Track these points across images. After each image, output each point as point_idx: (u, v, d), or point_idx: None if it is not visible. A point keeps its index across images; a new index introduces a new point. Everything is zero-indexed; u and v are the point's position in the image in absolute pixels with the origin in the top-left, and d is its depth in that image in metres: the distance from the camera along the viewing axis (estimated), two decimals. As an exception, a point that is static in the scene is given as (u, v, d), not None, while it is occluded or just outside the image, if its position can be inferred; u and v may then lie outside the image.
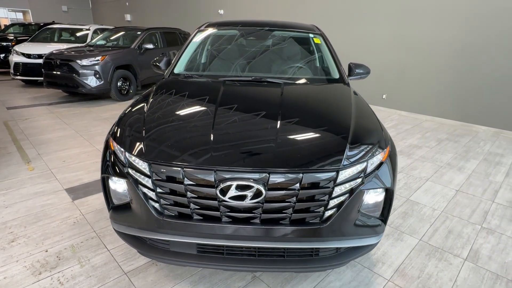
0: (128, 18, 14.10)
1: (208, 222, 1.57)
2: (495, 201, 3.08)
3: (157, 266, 2.09)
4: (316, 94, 2.32)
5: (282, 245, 1.58)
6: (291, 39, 3.04)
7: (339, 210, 1.57)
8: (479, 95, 5.37)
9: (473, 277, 2.09)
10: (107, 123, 5.26)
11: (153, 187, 1.57)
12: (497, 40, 5.03)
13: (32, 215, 2.63)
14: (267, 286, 1.95)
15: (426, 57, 5.85)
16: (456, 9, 5.33)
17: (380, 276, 2.06)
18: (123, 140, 1.73)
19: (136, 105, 2.10)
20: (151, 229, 1.63)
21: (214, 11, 9.86)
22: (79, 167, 3.57)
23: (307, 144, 1.65)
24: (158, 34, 8.01)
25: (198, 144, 1.61)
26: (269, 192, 1.49)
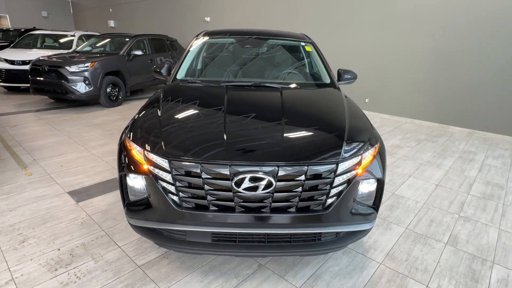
0: (112, 25, 14.03)
1: (223, 212, 1.74)
2: (470, 193, 3.41)
3: (168, 259, 2.23)
4: (312, 97, 2.55)
5: (289, 231, 1.77)
6: (285, 47, 3.27)
7: (339, 198, 1.78)
8: (454, 99, 5.81)
9: (453, 258, 2.35)
10: (99, 129, 5.31)
11: (172, 181, 1.73)
12: (469, 48, 5.49)
13: (38, 217, 2.69)
14: (273, 273, 2.13)
15: (405, 64, 6.26)
16: (432, 19, 5.77)
17: (373, 260, 2.29)
18: (141, 140, 1.88)
19: (147, 109, 2.25)
20: (170, 221, 1.78)
21: (201, 18, 10.04)
22: (78, 171, 3.63)
23: (310, 141, 1.86)
24: (146, 41, 8.10)
25: (213, 142, 1.78)
26: (278, 183, 1.68)
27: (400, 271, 2.19)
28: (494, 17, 5.16)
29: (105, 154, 4.16)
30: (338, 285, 2.04)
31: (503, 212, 3.03)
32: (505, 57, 5.19)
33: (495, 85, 5.36)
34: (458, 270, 2.23)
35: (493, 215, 2.97)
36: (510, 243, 2.55)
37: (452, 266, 2.26)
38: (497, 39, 5.20)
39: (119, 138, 2.18)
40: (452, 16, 5.54)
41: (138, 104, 7.30)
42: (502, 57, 5.21)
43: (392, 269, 2.21)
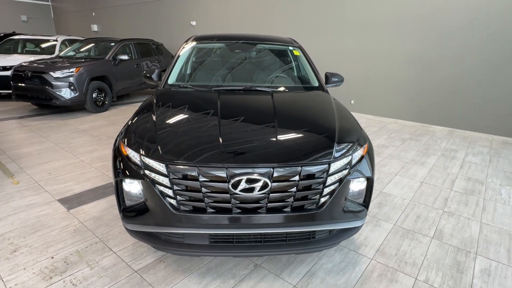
0: (95, 29, 13.81)
1: (220, 214, 1.78)
2: (453, 189, 3.56)
3: (164, 262, 2.25)
4: (302, 100, 2.63)
5: (285, 230, 1.83)
6: (273, 51, 3.35)
7: (331, 197, 1.86)
8: (435, 99, 6.05)
9: (439, 251, 2.47)
10: (86, 135, 5.23)
11: (170, 185, 1.76)
12: (448, 51, 5.74)
13: (28, 226, 2.65)
14: (269, 272, 2.18)
15: (388, 67, 6.47)
16: (412, 23, 6.00)
17: (364, 256, 2.38)
18: (137, 145, 1.90)
19: (141, 114, 2.27)
20: (168, 224, 1.81)
21: (186, 22, 10.04)
22: (67, 178, 3.59)
23: (302, 142, 1.93)
24: (132, 45, 8.04)
25: (209, 145, 1.83)
26: (274, 184, 1.74)
27: (390, 266, 2.28)
28: (472, 22, 5.41)
29: (94, 161, 4.12)
30: (332, 282, 2.11)
31: (484, 207, 3.19)
32: (481, 59, 5.45)
33: (473, 86, 5.62)
34: (444, 262, 2.34)
35: (474, 209, 3.13)
36: (491, 235, 2.69)
37: (438, 259, 2.37)
38: (474, 42, 5.46)
39: (113, 144, 2.19)
40: (431, 21, 5.78)
41: (125, 109, 7.23)
42: (478, 59, 5.47)
43: (382, 263, 2.30)
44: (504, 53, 5.24)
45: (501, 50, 5.25)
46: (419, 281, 2.14)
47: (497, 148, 5.12)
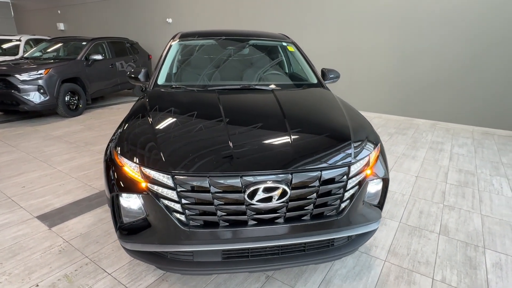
0: (62, 28, 13.00)
1: (234, 227, 1.61)
2: (447, 182, 3.59)
3: (167, 281, 2.04)
4: (307, 98, 2.49)
5: (304, 240, 1.69)
6: (267, 47, 3.19)
7: (351, 201, 1.74)
8: (417, 93, 6.15)
9: (449, 247, 2.43)
10: (61, 142, 4.83)
11: (177, 199, 1.57)
12: (428, 47, 5.84)
13: (5, 249, 2.34)
14: (282, 283, 2.04)
15: (371, 62, 6.50)
16: (393, 20, 6.05)
17: (377, 258, 2.29)
18: (135, 154, 1.69)
19: (134, 119, 2.04)
20: (176, 242, 1.61)
21: (162, 19, 9.64)
22: (44, 191, 3.25)
23: (319, 144, 1.79)
24: (105, 44, 7.58)
25: (219, 152, 1.65)
26: (293, 191, 1.59)
27: (405, 266, 2.21)
28: (451, 18, 5.53)
29: (73, 170, 3.78)
30: (350, 288, 2.01)
31: (480, 198, 3.23)
32: (459, 54, 5.58)
33: (452, 79, 5.76)
34: (456, 259, 2.30)
35: (472, 202, 3.15)
36: (494, 227, 2.71)
37: (450, 256, 2.33)
38: (452, 37, 5.58)
39: (105, 153, 1.95)
40: (411, 16, 5.86)
41: (100, 113, 6.80)
42: (456, 54, 5.61)
43: (397, 265, 2.23)
44: (480, 48, 5.39)
45: (477, 45, 5.40)
46: (436, 281, 2.08)
47: (479, 139, 5.27)
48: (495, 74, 5.40)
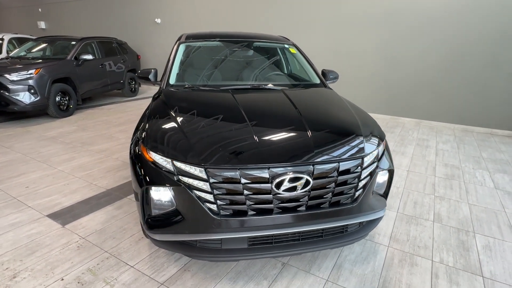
0: (43, 26, 12.63)
1: (261, 215, 1.75)
2: (436, 176, 3.87)
3: (190, 271, 2.15)
4: (316, 97, 2.66)
5: (323, 226, 1.85)
6: (271, 49, 3.34)
7: (364, 190, 1.92)
8: (402, 93, 6.49)
9: (443, 233, 2.67)
10: (57, 142, 4.78)
11: (210, 190, 1.69)
12: (412, 49, 6.18)
13: (22, 247, 2.37)
14: (298, 269, 2.19)
15: (359, 63, 6.79)
16: (379, 23, 6.36)
17: (381, 244, 2.49)
18: (167, 150, 1.79)
19: (156, 117, 2.13)
20: (207, 231, 1.73)
21: (150, 19, 9.60)
22: (50, 191, 3.25)
23: (335, 138, 1.95)
24: (95, 44, 7.50)
25: (247, 146, 1.78)
26: (314, 181, 1.75)
27: (406, 251, 2.42)
28: (432, 21, 5.89)
29: (76, 170, 3.79)
30: (360, 272, 2.19)
31: (466, 189, 3.51)
32: (440, 56, 5.95)
33: (435, 81, 6.13)
34: (450, 242, 2.54)
35: (460, 192, 3.43)
36: (481, 215, 2.98)
37: (445, 240, 2.57)
38: (435, 42, 5.94)
39: (130, 150, 2.04)
40: (396, 19, 6.18)
41: (92, 113, 6.73)
42: (438, 56, 5.98)
43: (399, 249, 2.43)
44: (460, 50, 5.78)
45: (457, 48, 5.79)
46: (436, 262, 2.30)
47: (460, 136, 5.65)
48: (472, 76, 5.80)
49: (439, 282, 2.10)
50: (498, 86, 5.65)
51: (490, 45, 5.55)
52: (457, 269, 2.24)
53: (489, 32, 5.51)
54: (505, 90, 5.61)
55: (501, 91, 5.64)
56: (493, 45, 5.53)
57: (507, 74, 5.53)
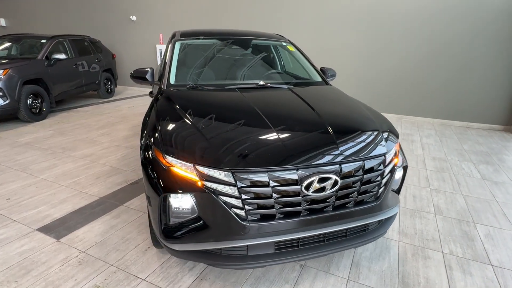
0: (3, 23, 11.69)
1: (289, 219, 1.69)
2: (427, 169, 4.00)
3: (207, 280, 2.05)
4: (325, 95, 2.64)
5: (349, 226, 1.82)
6: (270, 47, 3.28)
7: (386, 187, 1.91)
8: (384, 90, 6.69)
9: (446, 224, 2.75)
10: (33, 148, 4.42)
11: (238, 194, 1.60)
12: (394, 48, 6.38)
13: (14, 266, 2.14)
14: (317, 270, 2.16)
15: (341, 61, 6.90)
16: (362, 21, 6.49)
17: (392, 240, 2.52)
18: (188, 155, 1.68)
19: (168, 120, 1.99)
20: (235, 238, 1.64)
21: (125, 17, 9.18)
22: (35, 202, 2.99)
23: (357, 136, 1.93)
24: (67, 43, 7.04)
25: (273, 148, 1.71)
26: (342, 180, 1.72)
27: (417, 244, 2.47)
28: (412, 21, 6.10)
29: (60, 178, 3.51)
30: (378, 268, 2.19)
31: (457, 181, 3.67)
32: (420, 54, 6.19)
33: (415, 77, 6.37)
34: (455, 233, 2.62)
35: (452, 184, 3.57)
36: (476, 205, 3.11)
37: (449, 232, 2.65)
38: (414, 40, 6.17)
39: (143, 156, 1.90)
40: (378, 18, 6.35)
41: (68, 116, 6.31)
42: (418, 54, 6.21)
43: (410, 244, 2.47)
44: (437, 50, 6.04)
45: (435, 48, 6.05)
46: (446, 254, 2.36)
47: (440, 130, 5.92)
48: (449, 74, 6.09)
49: (454, 274, 2.15)
50: (472, 84, 5.97)
51: (464, 46, 5.85)
52: (467, 259, 2.31)
53: (463, 34, 5.80)
54: (478, 87, 5.94)
55: (475, 88, 5.97)
56: (467, 46, 5.83)
57: (480, 73, 5.87)
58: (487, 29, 5.65)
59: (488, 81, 5.87)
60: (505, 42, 5.59)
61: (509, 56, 5.63)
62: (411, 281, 2.08)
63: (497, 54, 5.69)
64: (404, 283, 2.06)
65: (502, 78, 5.76)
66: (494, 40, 5.65)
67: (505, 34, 5.56)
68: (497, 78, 5.79)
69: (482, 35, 5.70)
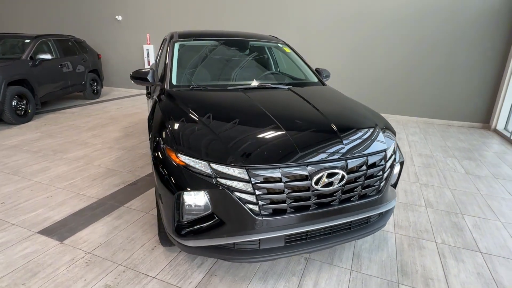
0: (-22, 22, 11.19)
1: (299, 212, 1.77)
2: (415, 165, 4.20)
3: (217, 275, 2.10)
4: (323, 94, 2.73)
5: (353, 218, 1.92)
6: (267, 48, 3.36)
7: (386, 182, 2.03)
8: (370, 89, 6.92)
9: (436, 216, 2.92)
10: (23, 151, 4.32)
11: (252, 190, 1.67)
12: (379, 49, 6.61)
13: (20, 269, 2.12)
14: (321, 262, 2.26)
15: (327, 61, 7.08)
16: (345, 23, 6.69)
17: (388, 232, 2.65)
18: (201, 152, 1.73)
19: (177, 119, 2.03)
20: (248, 232, 1.71)
21: (110, 16, 9.03)
22: (32, 205, 2.94)
23: (360, 133, 2.03)
24: (51, 42, 6.86)
25: (283, 145, 1.79)
26: (348, 175, 1.82)
27: (411, 235, 2.61)
28: (396, 23, 6.35)
29: (55, 180, 3.46)
30: (378, 259, 2.31)
31: (444, 176, 3.87)
32: (404, 56, 6.45)
33: (399, 78, 6.63)
34: (445, 224, 2.79)
35: (439, 179, 3.77)
36: (463, 197, 3.31)
37: (440, 223, 2.81)
38: (398, 42, 6.42)
39: (154, 156, 1.93)
40: (362, 21, 6.56)
41: (54, 118, 6.17)
42: (402, 56, 6.47)
43: (405, 235, 2.61)
44: (420, 51, 6.32)
45: (418, 48, 6.32)
46: (439, 243, 2.52)
47: (424, 128, 6.19)
48: (431, 75, 6.38)
49: (447, 261, 2.30)
50: (452, 83, 6.28)
51: (445, 48, 6.15)
52: (458, 248, 2.47)
53: (444, 37, 6.10)
54: (458, 87, 6.26)
55: (455, 87, 6.28)
56: (448, 48, 6.13)
57: (459, 73, 6.18)
58: (467, 33, 5.96)
59: (468, 81, 6.19)
60: (483, 44, 5.92)
61: (487, 58, 5.96)
62: (409, 269, 2.21)
63: (476, 55, 6.02)
64: (403, 271, 2.19)
65: (480, 78, 6.09)
66: (474, 43, 5.97)
67: (483, 37, 5.89)
68: (476, 78, 6.12)
69: (462, 38, 6.01)
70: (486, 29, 5.83)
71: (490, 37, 5.84)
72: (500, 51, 5.85)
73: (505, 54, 5.83)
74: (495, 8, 5.70)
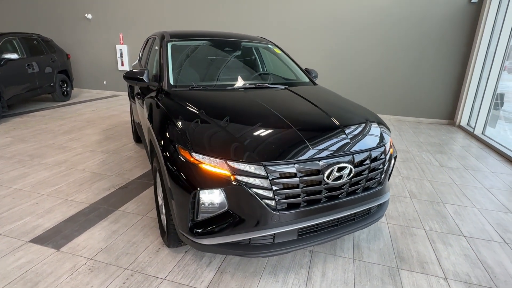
0: None
1: (311, 206, 1.85)
2: (395, 160, 4.46)
3: (227, 273, 2.13)
4: (319, 93, 2.84)
5: (358, 209, 2.04)
6: (258, 49, 3.42)
7: (386, 174, 2.18)
8: (347, 89, 7.21)
9: (421, 206, 3.15)
10: (3, 158, 4.03)
11: (269, 186, 1.72)
12: (355, 50, 6.92)
13: (17, 280, 2.00)
14: (325, 254, 2.36)
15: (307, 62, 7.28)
16: (326, 26, 6.94)
17: (381, 222, 2.82)
18: (218, 151, 1.75)
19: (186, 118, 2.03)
20: (267, 227, 1.76)
21: (79, 15, 8.62)
22: (17, 213, 2.77)
23: (362, 129, 2.16)
24: (17, 41, 6.44)
25: (295, 142, 1.86)
26: (355, 169, 1.93)
27: (403, 224, 2.80)
28: (368, 25, 6.69)
29: (38, 187, 3.28)
30: (376, 248, 2.46)
31: (422, 169, 4.16)
32: (377, 59, 6.82)
33: (375, 78, 6.99)
34: (430, 213, 3.02)
35: (418, 172, 4.05)
36: (441, 188, 3.59)
37: (425, 212, 3.04)
38: (373, 46, 6.77)
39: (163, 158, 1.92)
40: (339, 24, 6.84)
41: (24, 122, 5.78)
42: (376, 57, 6.83)
43: (397, 224, 2.80)
44: (391, 51, 6.71)
45: (389, 49, 6.71)
46: (427, 230, 2.72)
47: (397, 125, 6.57)
48: (402, 75, 6.80)
49: (437, 246, 2.50)
50: (421, 84, 6.74)
51: (414, 49, 6.58)
52: (445, 233, 2.69)
53: (413, 39, 6.53)
54: (426, 86, 6.72)
55: (424, 87, 6.74)
56: (416, 49, 6.57)
57: (427, 74, 6.64)
58: (433, 38, 6.42)
59: (435, 81, 6.67)
60: (447, 48, 6.41)
61: (451, 60, 6.46)
62: (405, 255, 2.38)
63: (441, 58, 6.50)
64: (401, 257, 2.35)
65: (445, 78, 6.59)
66: (439, 47, 6.45)
67: (447, 42, 6.38)
68: (442, 79, 6.61)
69: (428, 42, 6.47)
70: (450, 34, 6.33)
71: (453, 41, 6.35)
72: (461, 54, 6.37)
73: (465, 57, 6.36)
74: (456, 16, 6.20)
